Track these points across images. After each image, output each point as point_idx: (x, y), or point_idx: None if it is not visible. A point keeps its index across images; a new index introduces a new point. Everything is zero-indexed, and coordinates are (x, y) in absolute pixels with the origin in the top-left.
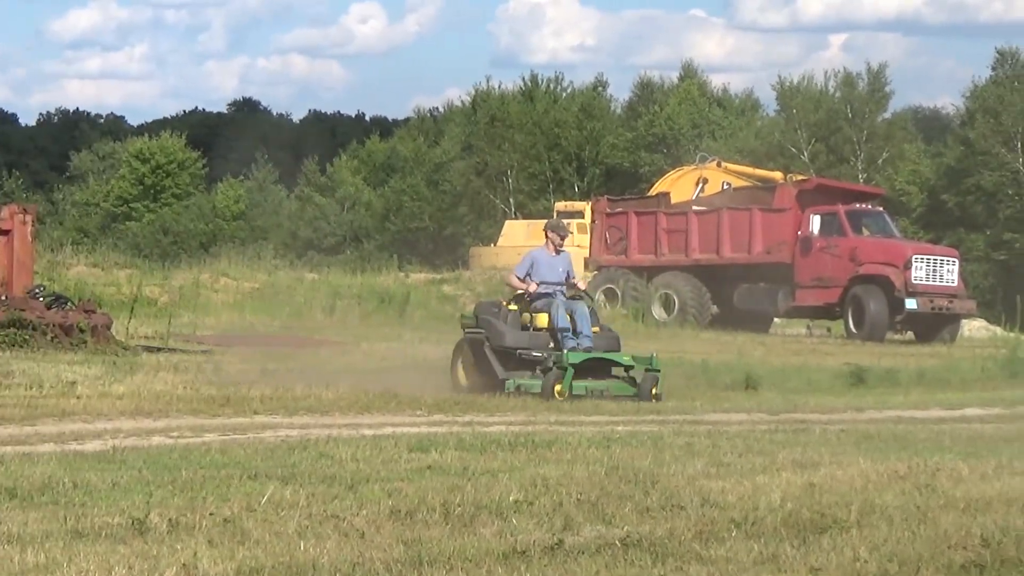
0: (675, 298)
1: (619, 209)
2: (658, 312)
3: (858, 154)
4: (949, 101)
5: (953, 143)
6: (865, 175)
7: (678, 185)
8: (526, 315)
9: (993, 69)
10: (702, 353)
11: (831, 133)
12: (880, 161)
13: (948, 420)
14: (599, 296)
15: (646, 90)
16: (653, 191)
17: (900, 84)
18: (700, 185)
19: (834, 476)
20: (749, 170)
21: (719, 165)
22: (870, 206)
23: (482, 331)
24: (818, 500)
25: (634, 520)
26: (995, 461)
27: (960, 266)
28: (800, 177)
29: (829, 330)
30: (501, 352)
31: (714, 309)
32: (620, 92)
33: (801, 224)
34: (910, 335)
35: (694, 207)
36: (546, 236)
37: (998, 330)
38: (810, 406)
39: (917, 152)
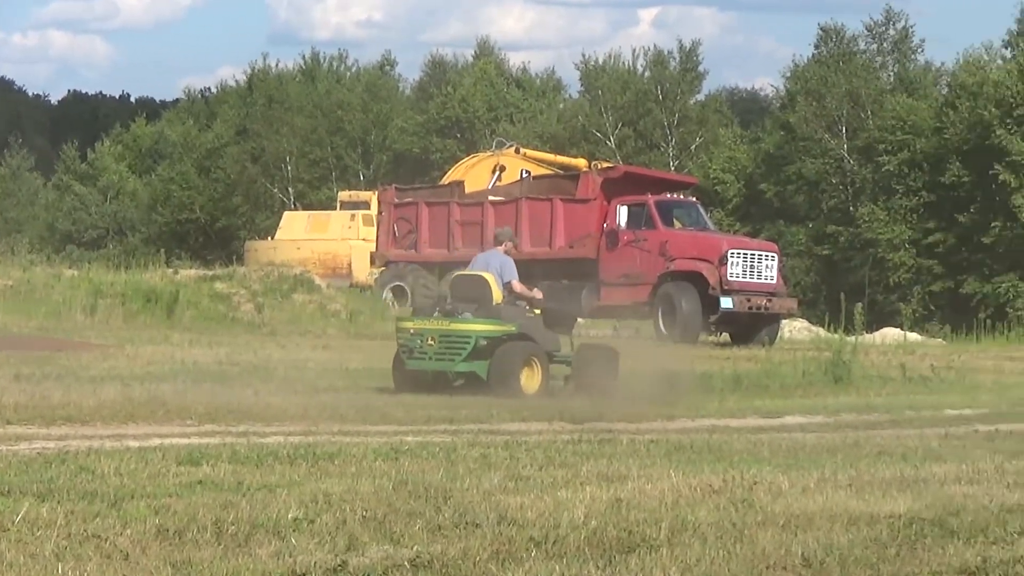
0: None
1: (408, 199)
2: None
3: (669, 139)
4: (768, 82)
5: (772, 128)
6: (677, 162)
7: (473, 173)
8: None
9: (816, 48)
10: None
11: (640, 117)
12: (693, 147)
13: (767, 429)
14: (386, 294)
15: (438, 69)
16: (446, 180)
17: (715, 63)
18: (497, 173)
19: (643, 491)
20: (550, 157)
21: (517, 151)
22: (682, 196)
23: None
24: (625, 517)
25: (424, 539)
26: (817, 474)
27: (780, 262)
28: (606, 165)
29: (638, 331)
30: None
31: None
32: (410, 72)
33: (607, 216)
34: (725, 337)
35: (490, 197)
36: (507, 243)
37: (821, 331)
38: (617, 414)
39: (733, 137)
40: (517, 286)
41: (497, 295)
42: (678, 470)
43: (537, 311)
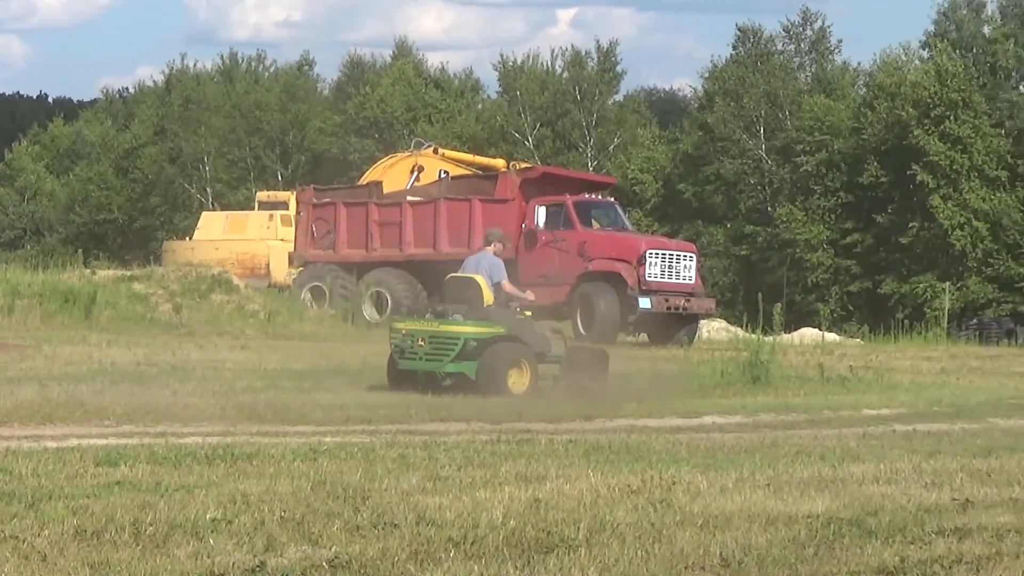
0: (388, 297)
1: (326, 200)
2: (369, 312)
3: (587, 140)
4: (686, 82)
5: (691, 128)
6: (595, 163)
7: (391, 173)
8: None
9: (734, 48)
10: None
11: (558, 117)
12: (611, 148)
13: (685, 429)
14: (305, 295)
15: (356, 69)
16: (364, 180)
17: (633, 64)
18: (415, 174)
19: (561, 491)
20: (469, 157)
21: (436, 152)
22: (600, 197)
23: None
24: (544, 517)
25: (343, 539)
26: (735, 474)
27: (698, 262)
28: (524, 165)
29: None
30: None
31: None
32: (328, 72)
33: (525, 216)
34: (644, 337)
35: (408, 198)
36: (497, 244)
37: (739, 331)
38: (535, 414)
39: (651, 138)
40: (507, 287)
41: (488, 297)
42: (596, 470)
43: (528, 312)
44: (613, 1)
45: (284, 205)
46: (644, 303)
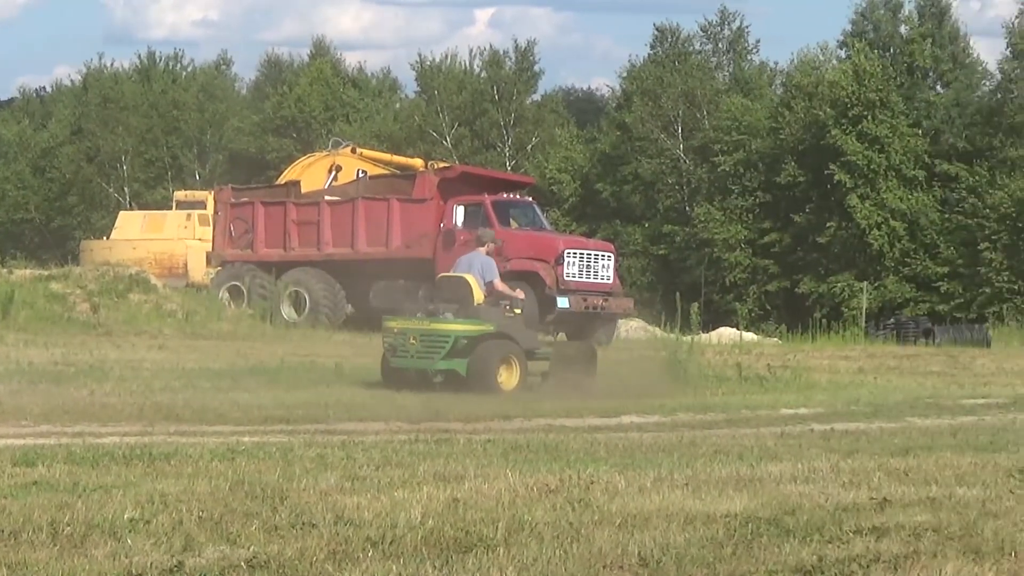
0: (306, 296)
1: (244, 199)
2: (288, 312)
3: (505, 139)
4: (604, 82)
5: (608, 128)
6: (513, 162)
7: (309, 173)
8: None
9: (651, 47)
10: (336, 356)
11: (476, 116)
12: (529, 147)
13: (603, 429)
14: (223, 294)
15: (274, 69)
16: (282, 179)
17: (551, 63)
18: (333, 173)
19: (479, 490)
20: (387, 157)
21: (354, 151)
22: (518, 196)
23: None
24: (462, 517)
25: (261, 539)
26: (654, 473)
27: (616, 261)
28: (442, 164)
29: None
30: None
31: (349, 308)
32: (246, 71)
33: (444, 216)
34: (562, 336)
35: (326, 197)
36: (489, 244)
37: (657, 331)
38: (454, 414)
39: (569, 137)
40: (499, 286)
41: (478, 296)
42: (515, 470)
43: (517, 311)
44: (531, 1)
45: (202, 204)
46: (562, 302)
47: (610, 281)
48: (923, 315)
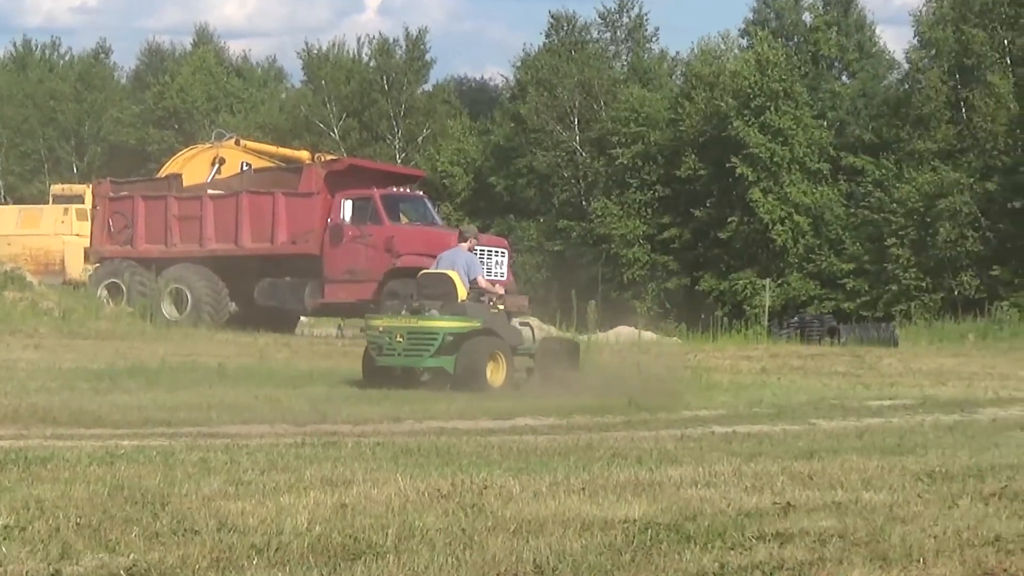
0: (188, 294)
1: (124, 193)
2: (168, 310)
3: (395, 131)
4: (498, 71)
5: (502, 119)
6: (403, 155)
7: (191, 166)
8: None
9: (547, 36)
10: (219, 356)
11: (365, 107)
12: (420, 139)
13: (497, 431)
14: (101, 292)
15: (155, 58)
16: (163, 172)
17: (443, 52)
18: (216, 166)
19: (368, 495)
20: (272, 149)
21: (238, 143)
22: (409, 190)
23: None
24: (350, 523)
25: (142, 547)
26: (549, 477)
27: (510, 258)
28: (330, 157)
29: (363, 330)
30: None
31: (232, 307)
32: (126, 60)
33: (331, 210)
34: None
35: (209, 191)
36: (471, 240)
37: (552, 329)
38: (341, 416)
39: (462, 129)
40: (482, 282)
41: (462, 292)
42: (405, 474)
43: (501, 307)
44: None
45: (80, 199)
46: None
47: (504, 278)
48: (828, 313)
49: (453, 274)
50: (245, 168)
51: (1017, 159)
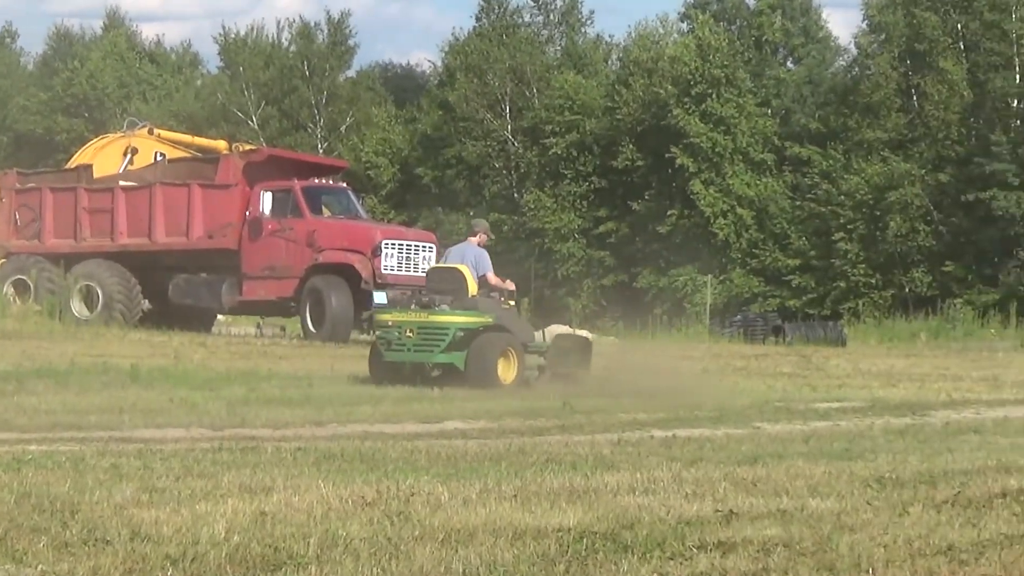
0: (99, 291)
1: (31, 184)
2: (78, 308)
3: (317, 119)
4: (425, 57)
5: (430, 107)
6: (326, 144)
7: (102, 156)
8: None
9: (477, 19)
10: (131, 356)
11: (285, 94)
12: (343, 128)
13: (424, 436)
14: (7, 289)
15: (64, 42)
16: (72, 163)
17: (367, 37)
18: (129, 156)
19: (289, 503)
20: (187, 138)
21: (151, 132)
22: (331, 182)
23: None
24: (270, 532)
25: (50, 557)
26: (479, 484)
27: (438, 253)
28: (248, 147)
29: (283, 329)
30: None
31: (146, 305)
32: (32, 45)
33: (250, 203)
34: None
35: (121, 183)
36: (482, 235)
37: None
38: (260, 420)
39: (387, 117)
40: (492, 278)
41: (472, 287)
42: (328, 481)
43: (511, 303)
44: None
45: None
46: (379, 298)
47: None
48: (772, 311)
49: (464, 268)
50: (159, 158)
51: (971, 149)
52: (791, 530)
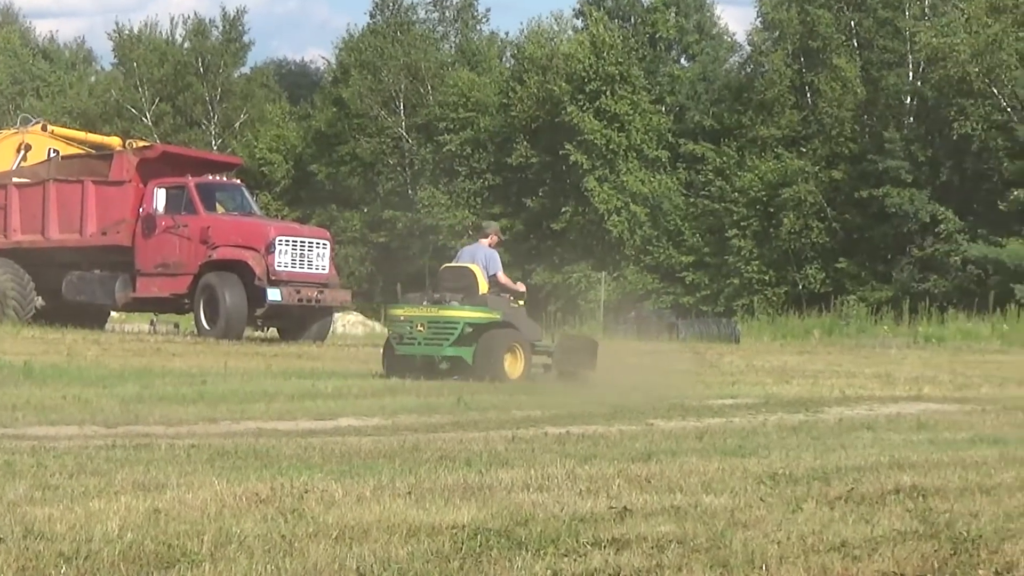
0: None
1: None
2: None
3: (211, 116)
4: (319, 54)
5: (324, 104)
6: (220, 141)
7: None
8: None
9: (371, 16)
10: (25, 354)
11: (179, 91)
12: (237, 124)
13: (319, 433)
14: None
15: None
16: None
17: (261, 33)
18: (22, 152)
19: (183, 500)
20: (81, 135)
21: (45, 129)
22: (225, 178)
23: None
24: (164, 529)
25: None
26: (373, 481)
27: (332, 250)
28: (142, 144)
29: (177, 326)
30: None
31: (39, 301)
32: None
33: (143, 200)
34: (274, 332)
35: (14, 179)
36: (493, 236)
37: (377, 325)
38: (154, 417)
39: (281, 114)
40: (502, 278)
41: (483, 286)
42: (222, 478)
43: (520, 303)
44: None
45: None
46: (273, 295)
47: (326, 271)
48: (666, 308)
49: (475, 267)
50: (52, 155)
51: (864, 147)
52: (685, 527)
